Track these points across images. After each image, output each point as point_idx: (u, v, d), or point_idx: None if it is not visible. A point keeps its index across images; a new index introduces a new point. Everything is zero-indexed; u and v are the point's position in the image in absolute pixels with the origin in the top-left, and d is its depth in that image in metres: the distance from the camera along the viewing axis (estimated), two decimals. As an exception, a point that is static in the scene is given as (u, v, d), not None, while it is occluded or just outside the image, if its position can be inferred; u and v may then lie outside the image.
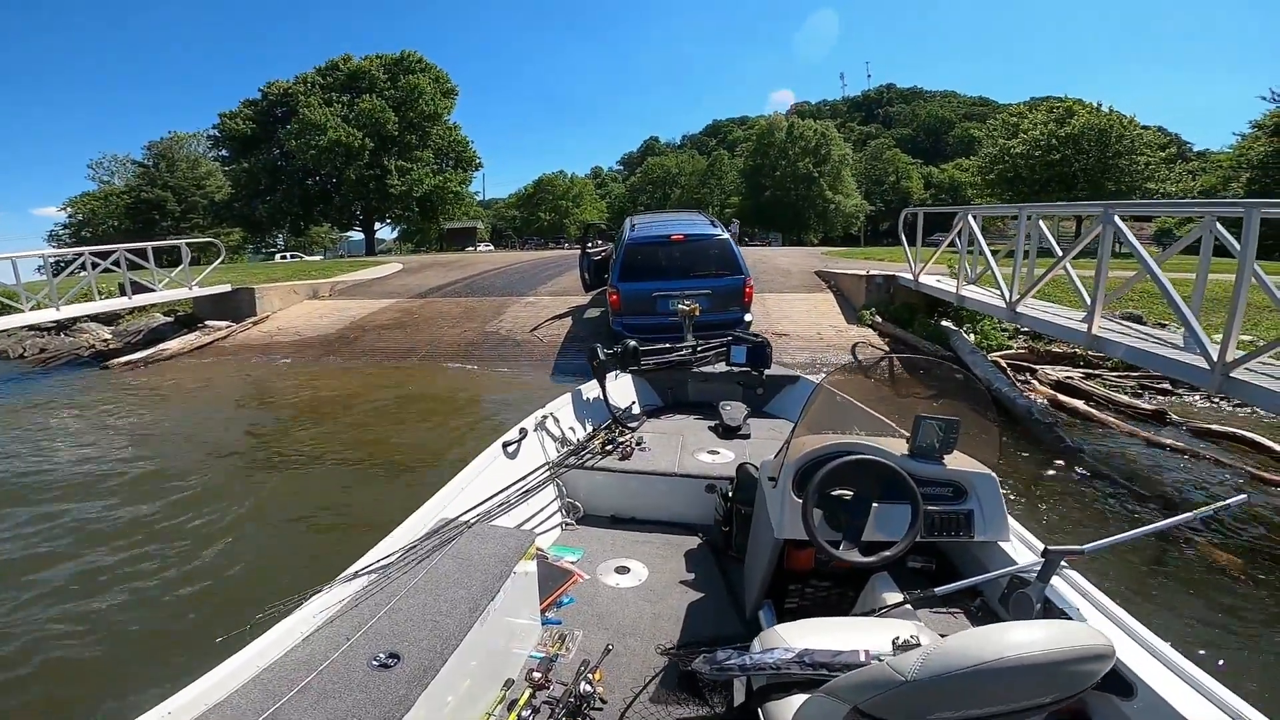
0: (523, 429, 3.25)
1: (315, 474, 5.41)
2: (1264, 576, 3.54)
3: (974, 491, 2.00)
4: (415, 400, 7.47)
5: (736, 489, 2.69)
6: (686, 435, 3.69)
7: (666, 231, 8.12)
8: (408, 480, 5.10)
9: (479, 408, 7.18)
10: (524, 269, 16.05)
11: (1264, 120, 27.31)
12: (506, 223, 57.08)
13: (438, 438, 6.18)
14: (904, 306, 9.65)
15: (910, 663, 1.00)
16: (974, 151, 61.55)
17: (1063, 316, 6.06)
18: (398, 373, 8.75)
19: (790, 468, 2.00)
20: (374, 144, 31.90)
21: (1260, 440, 5.20)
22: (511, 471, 2.98)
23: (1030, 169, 25.20)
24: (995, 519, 2.00)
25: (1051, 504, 4.50)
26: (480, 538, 2.13)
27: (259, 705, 1.37)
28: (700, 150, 70.93)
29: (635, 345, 3.98)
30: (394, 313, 11.93)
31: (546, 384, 7.86)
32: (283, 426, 6.79)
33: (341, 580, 1.91)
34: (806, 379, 4.18)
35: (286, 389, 8.38)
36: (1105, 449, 5.44)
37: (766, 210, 42.40)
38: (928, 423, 2.02)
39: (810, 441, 2.07)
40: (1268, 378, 3.90)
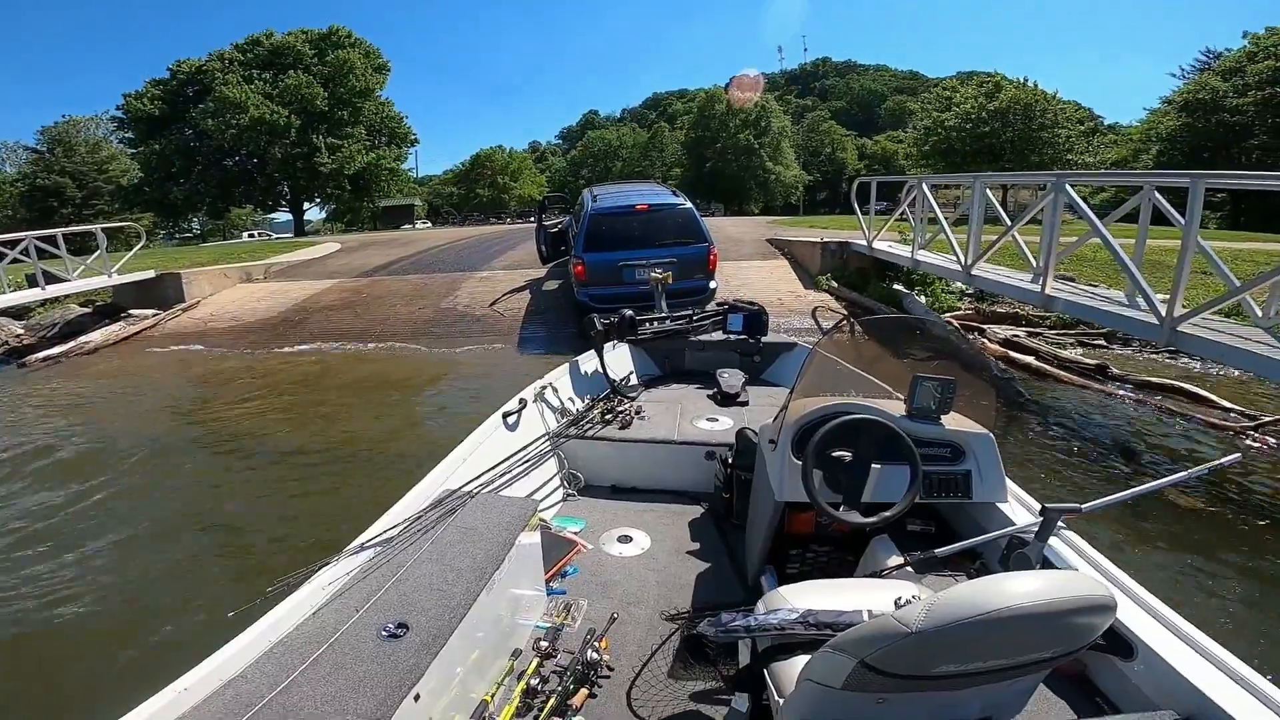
0: (522, 399, 3.20)
1: (284, 471, 5.13)
2: (1245, 530, 3.70)
3: (971, 452, 2.04)
4: (377, 384, 7.18)
5: (736, 454, 2.71)
6: (685, 403, 3.70)
7: (630, 201, 8.04)
8: (388, 473, 4.90)
9: (449, 387, 6.97)
10: (471, 244, 15.59)
11: (1174, 96, 29.22)
12: (443, 200, 55.24)
13: (410, 424, 5.98)
14: (857, 272, 9.94)
15: (915, 614, 1.01)
16: (905, 124, 63.85)
17: (1014, 278, 6.38)
18: (352, 356, 8.39)
19: (789, 430, 2.01)
20: (301, 121, 30.45)
21: (1197, 391, 5.63)
22: (512, 442, 2.94)
23: (962, 141, 26.22)
24: (993, 480, 2.04)
25: (1019, 456, 4.76)
26: (484, 508, 2.12)
27: (273, 678, 1.37)
28: (640, 123, 70.32)
29: (632, 315, 3.93)
30: (340, 293, 11.38)
31: (514, 358, 7.71)
32: (237, 419, 6.41)
33: (348, 553, 1.88)
34: (803, 345, 4.24)
35: (232, 379, 7.90)
36: (1061, 403, 5.79)
37: (708, 181, 42.64)
38: (925, 383, 2.04)
39: (808, 404, 2.08)
40: (1211, 331, 4.24)
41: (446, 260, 13.38)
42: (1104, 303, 5.20)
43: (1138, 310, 4.84)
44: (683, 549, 2.68)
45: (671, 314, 4.35)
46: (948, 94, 29.90)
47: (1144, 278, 4.75)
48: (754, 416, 3.45)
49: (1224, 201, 28.70)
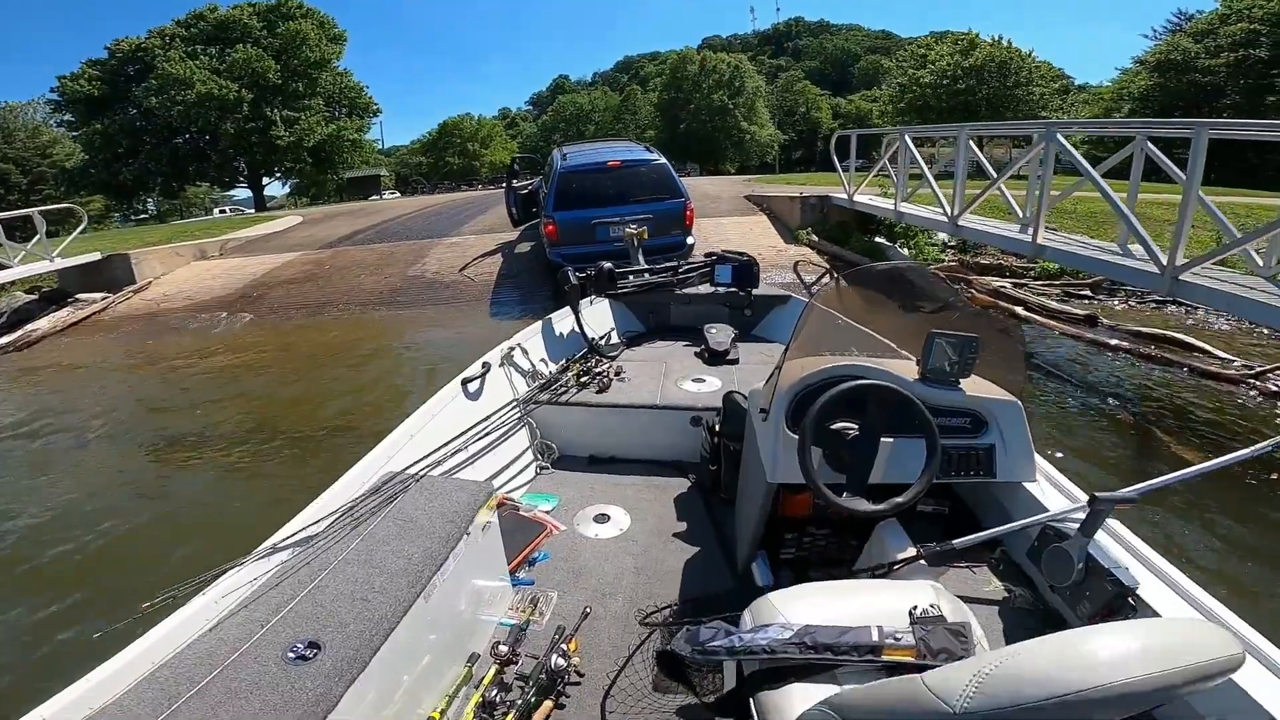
0: (485, 363, 2.88)
1: (245, 452, 4.79)
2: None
3: (996, 423, 1.76)
4: (342, 354, 6.79)
5: (723, 421, 2.43)
6: (670, 363, 3.42)
7: (601, 159, 7.65)
8: (334, 454, 4.59)
9: (418, 354, 6.64)
10: (440, 211, 15.00)
11: (1146, 56, 29.10)
12: (412, 169, 53.73)
13: (368, 397, 5.63)
14: (838, 225, 9.70)
15: (958, 688, 0.75)
16: (878, 83, 63.24)
17: (1003, 229, 6.18)
18: (315, 328, 7.95)
19: (783, 398, 1.73)
20: (253, 95, 29.30)
21: (1190, 340, 5.51)
22: (474, 412, 2.64)
23: (938, 98, 25.88)
24: (1020, 456, 1.77)
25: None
26: (429, 494, 1.80)
27: (151, 709, 1.14)
28: (612, 87, 68.67)
29: (611, 268, 3.61)
30: (301, 266, 10.83)
31: (486, 322, 7.37)
32: (195, 399, 6.02)
33: (259, 555, 1.57)
34: (798, 298, 3.95)
35: (189, 358, 7.44)
36: (1057, 354, 5.63)
37: (683, 142, 41.97)
38: (941, 341, 1.73)
39: (805, 366, 1.78)
40: (1213, 280, 4.08)
41: (414, 228, 12.83)
42: (1098, 251, 5.01)
43: (1135, 260, 4.66)
44: (665, 529, 2.42)
45: (654, 266, 4.04)
46: (923, 52, 29.41)
47: (1142, 227, 4.56)
48: (745, 377, 3.18)
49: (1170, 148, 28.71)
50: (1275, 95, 24.92)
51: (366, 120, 35.71)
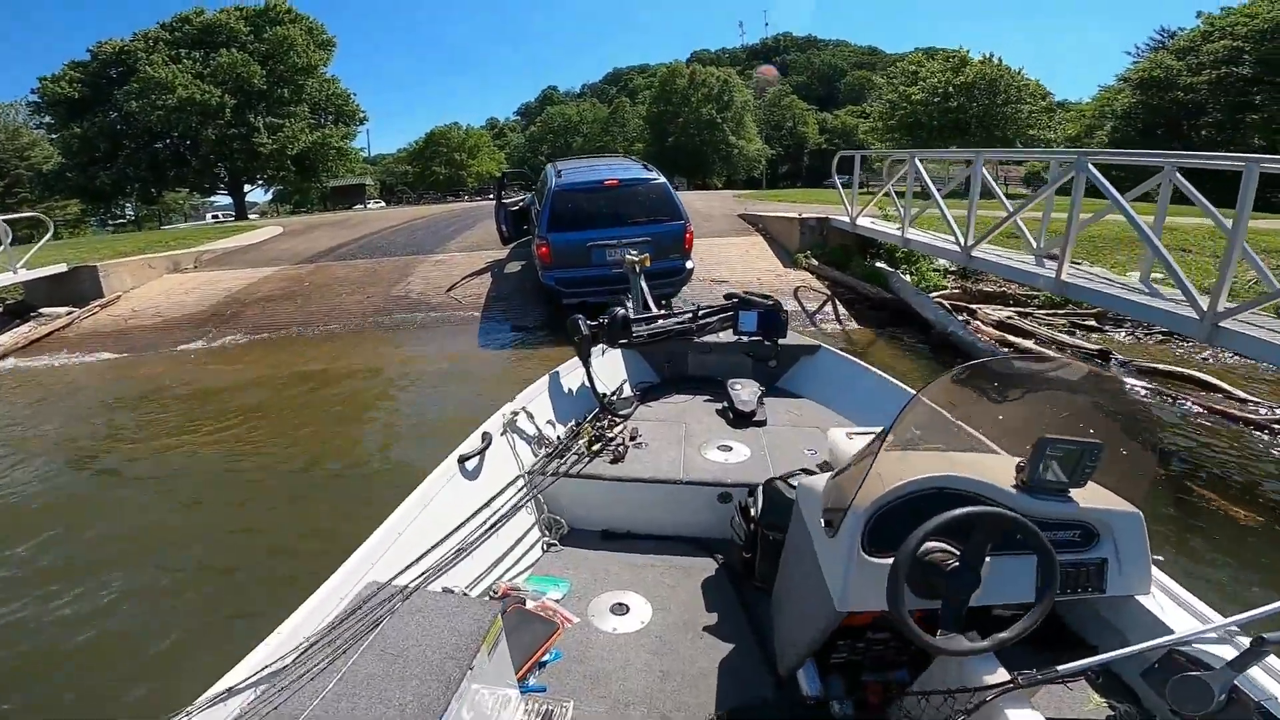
0: (486, 434, 2.55)
1: (217, 499, 4.36)
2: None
3: (1111, 535, 1.50)
4: (322, 386, 6.33)
5: (764, 511, 2.11)
6: (690, 423, 3.11)
7: (598, 176, 7.34)
8: (315, 505, 4.18)
9: (401, 388, 6.20)
10: (426, 224, 14.58)
11: (1129, 73, 29.57)
12: (398, 178, 53.22)
13: (351, 437, 5.21)
14: (839, 249, 9.46)
15: None
16: (864, 99, 63.94)
17: (1020, 261, 5.92)
18: (293, 353, 7.50)
19: (860, 516, 1.42)
20: (237, 101, 28.90)
21: (1208, 379, 5.27)
22: (472, 494, 2.33)
23: (929, 115, 26.04)
24: (1136, 569, 1.51)
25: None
26: (421, 614, 1.49)
27: None
28: (601, 99, 68.82)
29: (625, 315, 3.27)
30: (279, 282, 10.37)
31: (474, 350, 6.98)
32: (154, 433, 5.55)
33: (211, 701, 1.26)
34: (828, 349, 3.67)
35: (156, 383, 6.96)
36: None
37: (671, 155, 41.93)
38: (1059, 448, 1.43)
39: (886, 471, 1.47)
40: (1256, 328, 3.84)
41: (398, 243, 12.41)
42: (1124, 290, 4.75)
43: (1169, 302, 4.41)
44: (692, 621, 2.10)
45: (672, 311, 3.71)
46: (914, 68, 29.65)
47: (1179, 267, 4.32)
48: (775, 441, 2.89)
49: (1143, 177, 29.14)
50: (1256, 113, 25.41)
51: (352, 128, 35.36)
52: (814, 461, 2.68)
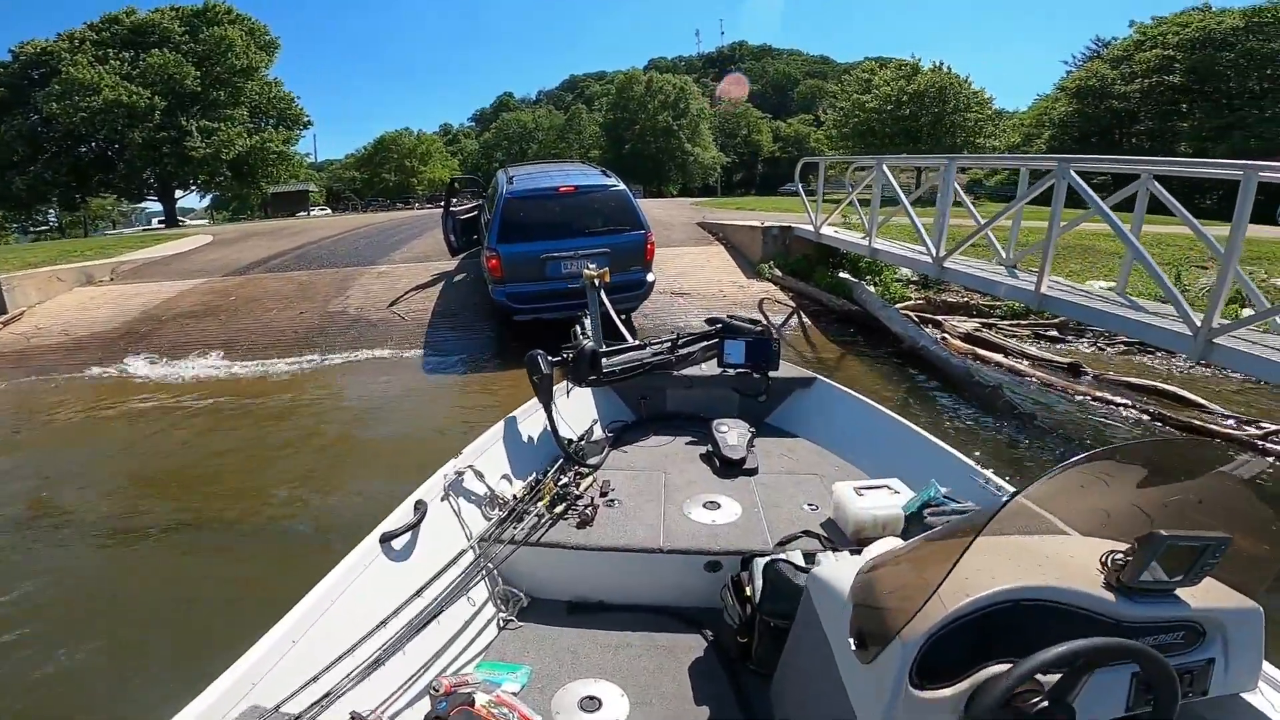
0: (420, 503, 2.07)
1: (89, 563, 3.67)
2: None
3: (1222, 633, 1.21)
4: (239, 420, 5.60)
5: (765, 596, 1.72)
6: (671, 472, 2.68)
7: (553, 183, 6.84)
8: (203, 566, 3.56)
9: (335, 419, 5.52)
10: (370, 233, 13.77)
11: (1066, 83, 30.76)
12: (345, 185, 51.45)
13: (265, 480, 4.55)
14: (802, 259, 9.21)
15: None
16: (816, 107, 65.30)
17: (994, 273, 5.70)
18: (209, 380, 6.71)
19: (911, 647, 1.07)
20: (168, 103, 27.57)
21: (1184, 394, 5.11)
22: (403, 578, 1.87)
23: (882, 123, 26.47)
24: (1245, 666, 1.25)
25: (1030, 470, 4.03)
26: None
27: None
28: (557, 106, 68.48)
29: (594, 350, 2.83)
30: (202, 295, 9.48)
31: (417, 374, 6.36)
32: (35, 475, 4.78)
33: None
34: (825, 381, 3.25)
35: (48, 415, 6.11)
36: (1058, 413, 5.10)
37: (628, 163, 41.89)
38: (1171, 546, 1.10)
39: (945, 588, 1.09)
40: (1250, 344, 3.63)
41: (339, 253, 11.61)
42: (1107, 304, 4.53)
43: (1159, 318, 4.20)
44: (679, 715, 1.71)
45: (648, 340, 3.24)
46: (867, 76, 30.17)
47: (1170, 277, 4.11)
48: (771, 496, 2.48)
49: (1106, 184, 30.63)
50: (1185, 121, 26.73)
51: (295, 132, 34.09)
52: (816, 520, 2.31)
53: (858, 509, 2.15)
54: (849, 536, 2.14)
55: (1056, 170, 4.50)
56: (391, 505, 2.03)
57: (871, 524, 2.14)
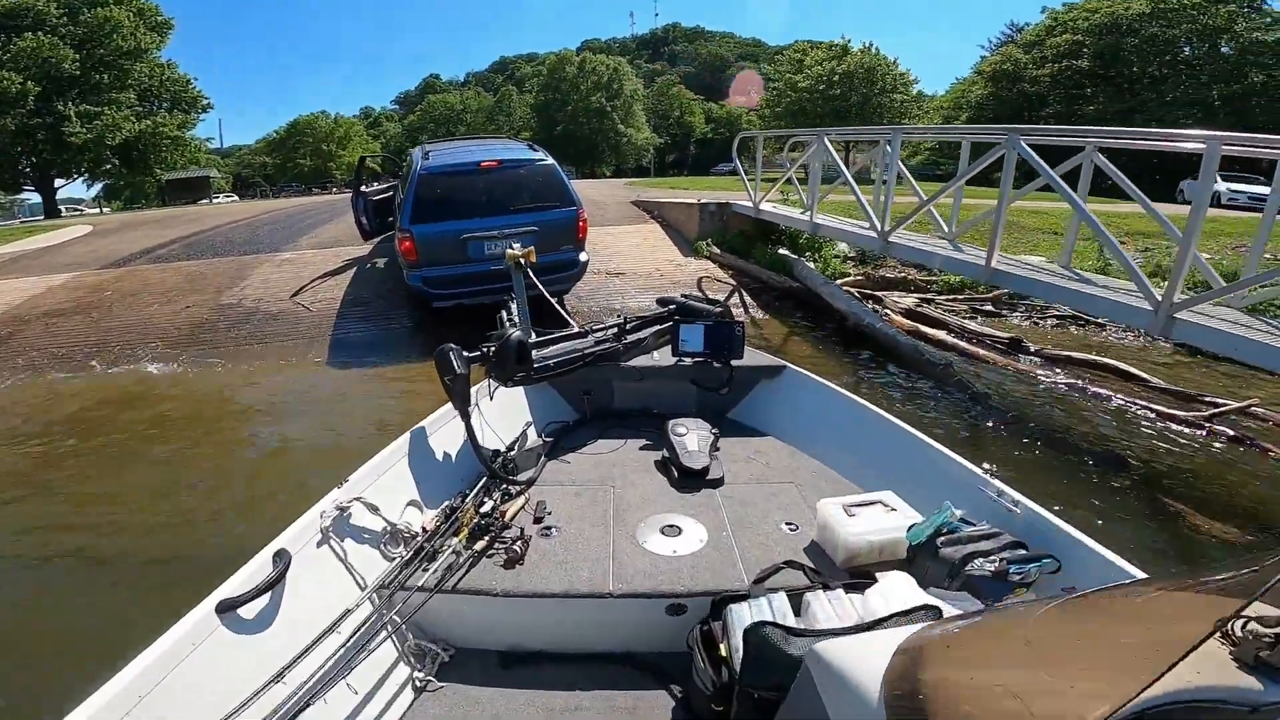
0: (280, 553, 1.57)
1: None
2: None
3: None
4: (99, 434, 4.76)
5: (747, 667, 1.31)
6: (621, 486, 2.26)
7: (473, 158, 6.20)
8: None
9: (220, 428, 4.79)
10: (275, 219, 12.58)
11: (983, 66, 31.79)
12: (254, 171, 48.07)
13: (146, 509, 3.84)
14: (740, 235, 8.91)
15: None
16: (747, 90, 65.72)
17: (939, 248, 5.49)
18: (71, 390, 5.75)
19: None
20: (42, 88, 25.00)
21: (1124, 368, 5.02)
22: (253, 658, 1.39)
23: (813, 103, 26.63)
24: None
25: (1001, 460, 3.83)
26: None
27: None
28: (487, 88, 66.22)
29: (521, 339, 2.31)
30: (73, 291, 8.30)
31: (322, 371, 5.66)
32: None
33: None
34: (794, 369, 2.85)
35: None
36: (1007, 390, 4.94)
37: (560, 144, 40.99)
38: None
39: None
40: (1210, 319, 3.51)
41: (237, 240, 10.47)
42: (1058, 278, 4.35)
43: (1111, 292, 4.04)
44: None
45: (590, 326, 2.76)
46: (799, 56, 30.27)
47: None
48: (740, 512, 2.09)
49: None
50: (1091, 104, 28.07)
51: (193, 116, 31.45)
52: (798, 543, 1.95)
53: (850, 534, 1.79)
54: (838, 564, 1.81)
55: (1007, 141, 4.28)
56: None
57: (867, 550, 1.80)
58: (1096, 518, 3.06)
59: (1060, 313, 7.21)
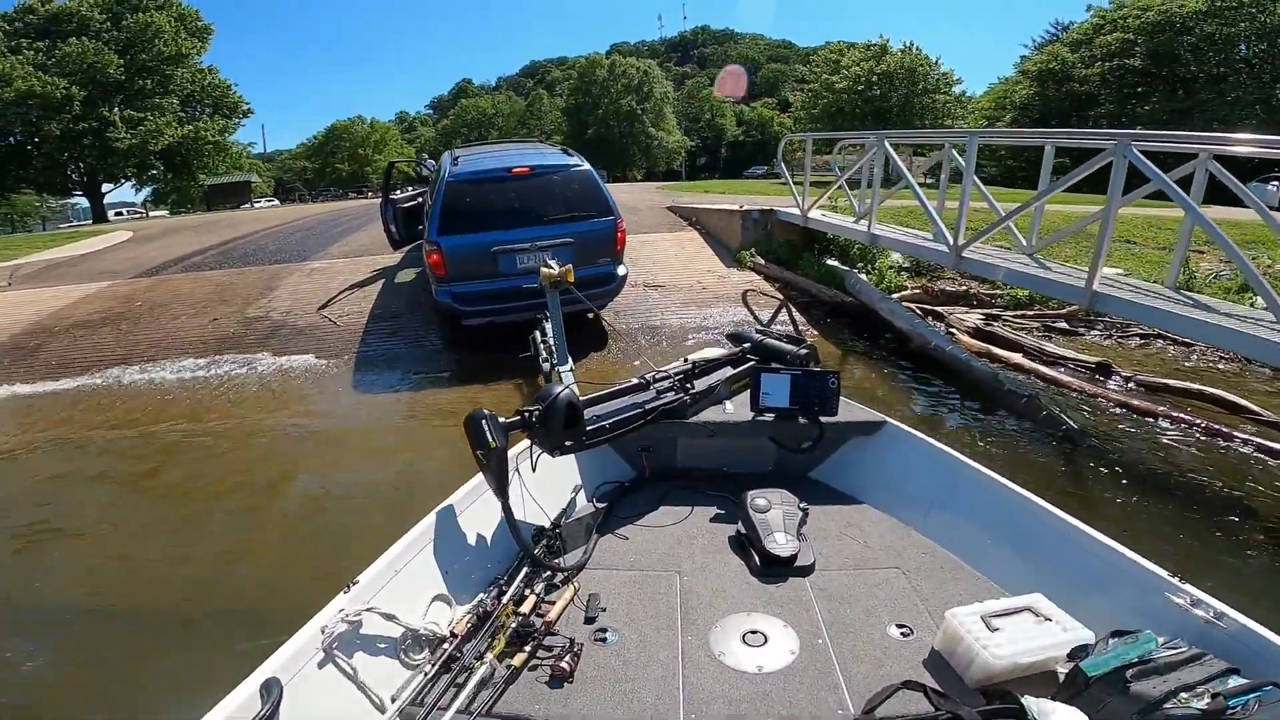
0: (269, 685, 1.23)
1: None
2: None
3: None
4: (117, 466, 4.46)
5: None
6: (689, 571, 1.87)
7: (505, 163, 5.82)
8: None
9: (224, 464, 4.43)
10: (308, 225, 12.51)
11: (1028, 66, 30.64)
12: (295, 175, 49.21)
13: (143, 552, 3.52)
14: (785, 244, 8.40)
15: None
16: (779, 91, 64.91)
17: (1011, 261, 4.90)
18: (93, 407, 5.53)
19: None
20: (87, 93, 25.66)
21: (1233, 399, 4.35)
22: None
23: (851, 104, 25.87)
24: None
25: (1123, 523, 3.26)
26: None
27: None
28: (518, 92, 66.89)
29: (571, 399, 1.87)
30: (104, 301, 8.21)
31: (347, 396, 5.32)
32: None
33: None
34: (896, 425, 2.35)
35: None
36: (1104, 426, 4.30)
37: (590, 147, 40.94)
38: None
39: None
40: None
41: (269, 248, 10.36)
42: (1182, 308, 3.71)
43: (1234, 320, 3.40)
44: None
45: (649, 375, 2.29)
46: (835, 57, 29.52)
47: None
48: (839, 613, 1.70)
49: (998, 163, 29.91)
50: (1145, 104, 26.78)
51: (234, 121, 32.15)
52: (914, 653, 1.56)
53: (993, 654, 1.39)
54: (969, 683, 1.43)
55: (1116, 148, 3.70)
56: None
57: (1009, 670, 1.41)
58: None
59: (1144, 330, 6.54)
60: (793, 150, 9.55)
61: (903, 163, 5.90)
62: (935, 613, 1.65)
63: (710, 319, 6.61)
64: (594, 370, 5.56)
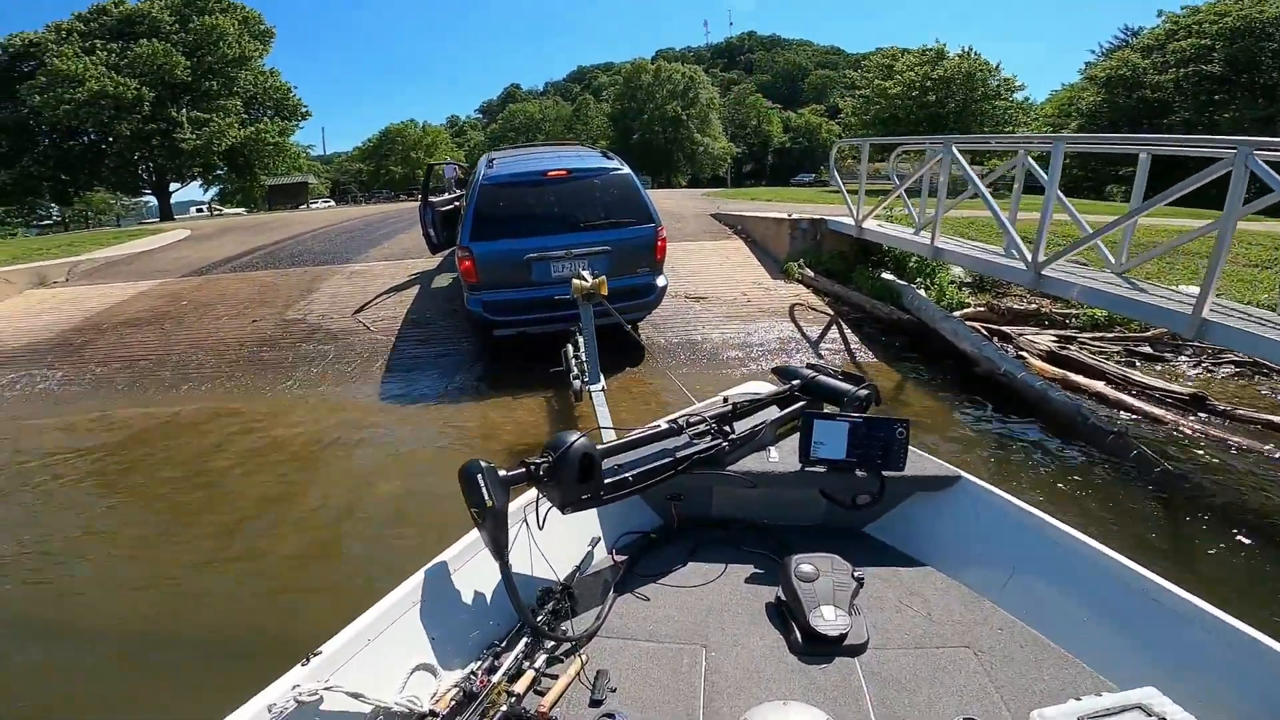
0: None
1: None
2: None
3: None
4: (141, 478, 4.34)
5: None
6: (717, 648, 1.56)
7: (541, 166, 5.60)
8: None
9: (250, 472, 4.31)
10: (354, 227, 12.63)
11: (1094, 71, 29.10)
12: (351, 177, 50.83)
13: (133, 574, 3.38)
14: (836, 256, 7.93)
15: None
16: (827, 98, 63.80)
17: (1102, 282, 4.36)
18: (128, 412, 5.51)
19: None
20: (157, 94, 26.81)
21: None
22: None
23: (906, 109, 24.98)
24: None
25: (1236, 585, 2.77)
26: None
27: None
28: (565, 97, 67.70)
29: (587, 449, 1.53)
30: (153, 300, 8.36)
31: (374, 405, 5.16)
32: None
33: None
34: (971, 481, 1.95)
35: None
36: (1204, 467, 3.80)
37: (635, 153, 41.05)
38: None
39: None
40: None
41: (314, 250, 10.45)
42: None
43: None
44: None
45: (681, 420, 1.95)
46: (888, 62, 28.62)
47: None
48: (896, 701, 1.37)
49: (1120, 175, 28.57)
50: (1226, 111, 25.06)
51: (293, 123, 33.26)
52: None
53: None
54: None
55: (1236, 155, 3.20)
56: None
57: None
58: None
59: (1240, 359, 5.86)
60: (844, 157, 9.13)
61: (972, 171, 5.40)
62: (1015, 706, 1.34)
63: (754, 335, 6.23)
64: (627, 388, 5.26)
